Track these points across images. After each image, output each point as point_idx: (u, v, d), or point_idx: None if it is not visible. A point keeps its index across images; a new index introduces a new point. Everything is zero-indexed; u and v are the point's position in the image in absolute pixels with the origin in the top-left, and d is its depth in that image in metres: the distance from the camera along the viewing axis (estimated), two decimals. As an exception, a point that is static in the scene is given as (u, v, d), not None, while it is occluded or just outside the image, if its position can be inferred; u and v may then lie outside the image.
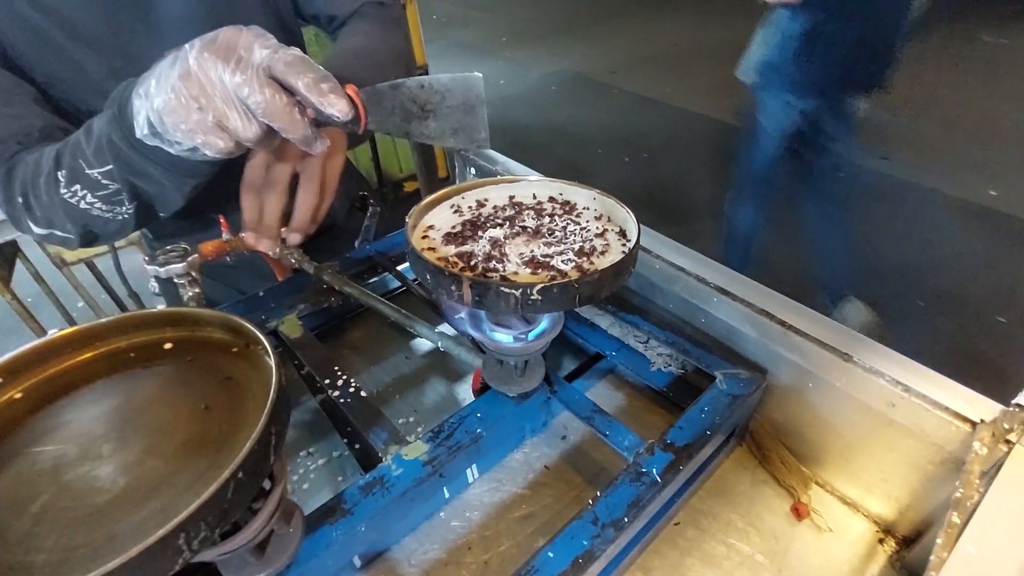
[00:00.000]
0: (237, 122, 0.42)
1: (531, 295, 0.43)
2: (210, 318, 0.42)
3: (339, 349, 0.79)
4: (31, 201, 0.57)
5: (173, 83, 0.41)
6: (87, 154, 0.50)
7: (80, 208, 0.54)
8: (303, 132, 0.43)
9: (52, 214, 0.56)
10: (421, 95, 0.48)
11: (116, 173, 0.50)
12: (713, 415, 0.55)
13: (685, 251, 0.67)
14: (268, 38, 0.43)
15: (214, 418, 0.36)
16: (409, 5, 2.37)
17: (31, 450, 0.34)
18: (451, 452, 0.51)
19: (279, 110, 0.41)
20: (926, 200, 2.98)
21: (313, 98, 0.42)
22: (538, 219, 0.57)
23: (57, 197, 0.54)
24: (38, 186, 0.55)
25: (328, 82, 0.42)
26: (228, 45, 0.41)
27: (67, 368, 0.40)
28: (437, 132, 0.49)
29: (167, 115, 0.42)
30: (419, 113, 0.48)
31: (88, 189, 0.52)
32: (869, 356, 0.50)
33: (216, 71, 0.40)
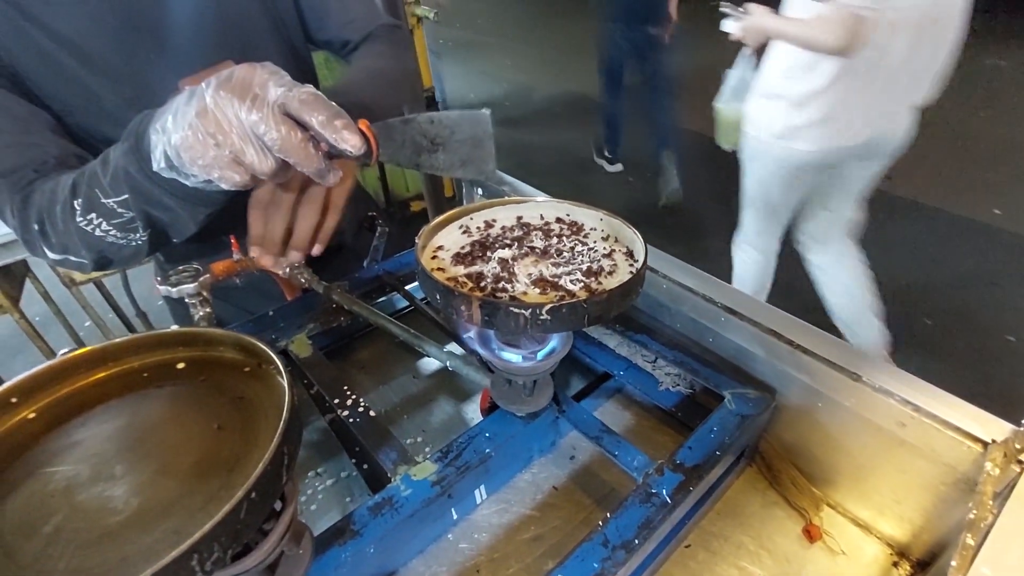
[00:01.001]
0: (253, 157, 0.43)
1: (540, 315, 0.43)
2: (222, 338, 0.42)
3: (347, 368, 0.79)
4: (47, 228, 0.58)
5: (191, 120, 0.42)
6: (103, 184, 0.51)
7: (95, 235, 0.55)
8: (317, 166, 0.45)
9: (67, 241, 0.57)
10: (431, 130, 0.49)
11: (132, 203, 0.51)
12: (723, 435, 0.55)
13: (692, 271, 0.67)
14: (282, 76, 0.44)
15: (226, 438, 0.36)
16: (416, 30, 2.42)
17: (44, 470, 0.35)
18: (460, 472, 0.51)
19: (295, 146, 0.43)
20: (931, 219, 2.98)
21: (328, 135, 0.43)
22: (546, 240, 0.58)
23: (73, 225, 0.54)
24: (54, 214, 0.56)
25: (341, 119, 0.44)
26: (244, 83, 0.42)
27: (80, 388, 0.40)
28: (446, 164, 0.50)
29: (184, 151, 0.43)
30: (429, 146, 0.49)
31: (104, 217, 0.53)
32: (878, 376, 0.50)
33: (232, 109, 0.41)
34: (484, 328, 0.47)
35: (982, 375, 2.11)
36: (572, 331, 0.56)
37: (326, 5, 0.83)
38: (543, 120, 4.76)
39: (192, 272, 0.64)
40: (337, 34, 0.86)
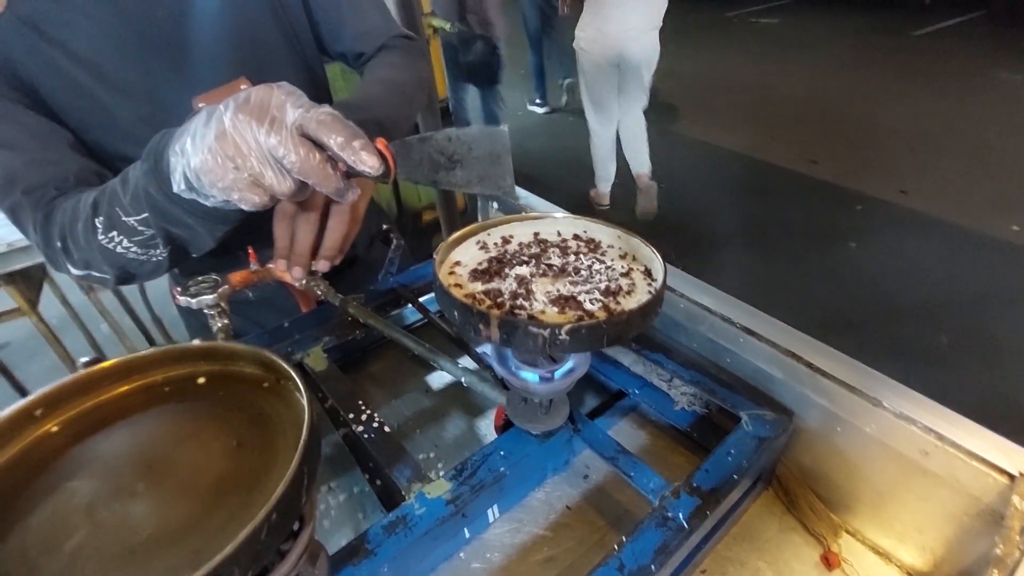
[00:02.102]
0: (272, 179, 0.44)
1: (559, 335, 0.43)
2: (242, 353, 0.43)
3: (360, 381, 0.79)
4: (69, 245, 0.59)
5: (209, 144, 0.42)
6: (124, 203, 0.52)
7: (117, 252, 0.56)
8: (336, 186, 0.45)
9: (90, 257, 0.58)
10: (448, 147, 0.49)
11: (152, 221, 0.52)
12: (740, 458, 0.54)
13: (710, 290, 0.67)
14: (299, 96, 0.44)
15: (246, 456, 0.36)
16: (432, 40, 2.44)
17: (67, 485, 0.35)
18: (474, 491, 0.51)
19: (313, 168, 0.43)
20: (946, 235, 2.94)
21: (346, 156, 0.44)
22: (563, 257, 0.57)
23: (95, 242, 0.55)
24: (76, 231, 0.57)
25: (359, 139, 0.44)
26: (262, 105, 0.42)
27: (104, 401, 0.41)
28: (464, 180, 0.50)
29: (204, 174, 0.43)
30: (446, 163, 0.50)
31: (125, 235, 0.54)
32: (900, 402, 0.49)
33: (251, 132, 0.42)
34: (502, 346, 0.47)
35: (1000, 397, 2.07)
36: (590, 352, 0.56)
37: (341, 17, 0.84)
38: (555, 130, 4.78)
39: (211, 283, 0.65)
40: (352, 46, 0.86)
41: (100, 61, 0.64)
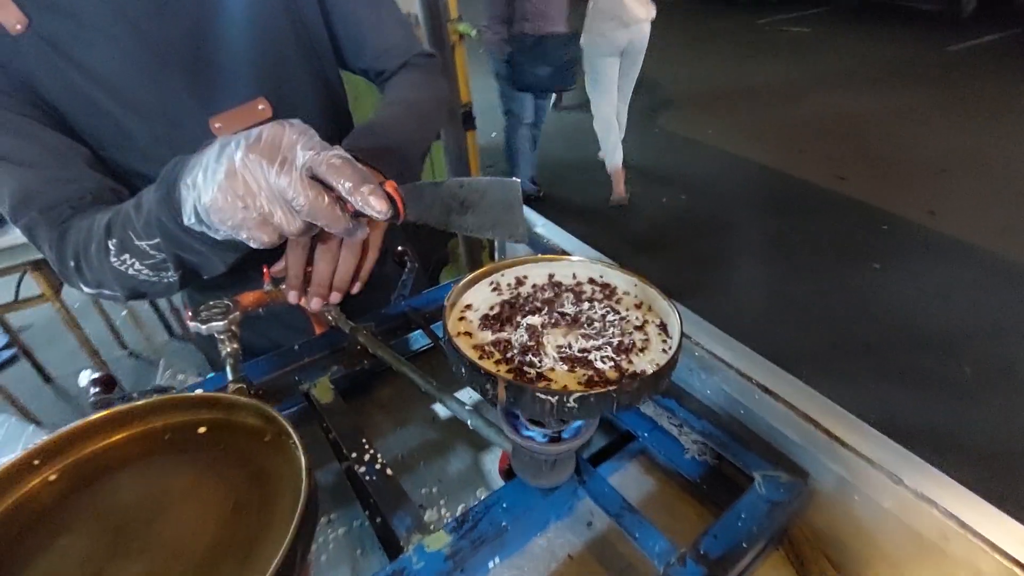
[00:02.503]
0: (282, 219, 0.44)
1: (567, 403, 0.42)
2: (244, 404, 0.42)
3: (367, 408, 0.78)
4: (82, 265, 0.59)
5: (219, 182, 0.42)
6: (136, 227, 0.52)
7: (129, 274, 0.56)
8: (345, 226, 0.46)
9: (102, 277, 0.58)
10: (460, 193, 0.50)
11: (163, 247, 0.52)
12: (750, 523, 0.52)
13: (727, 340, 0.65)
14: (311, 136, 0.44)
15: (242, 520, 0.36)
16: (458, 47, 2.43)
17: (61, 542, 0.35)
18: (474, 546, 0.49)
19: (322, 210, 0.44)
20: (975, 260, 2.86)
21: (354, 200, 0.44)
22: (577, 304, 0.56)
23: (107, 264, 0.55)
24: (89, 252, 0.57)
25: (368, 184, 0.44)
26: (272, 145, 0.42)
27: (104, 448, 0.41)
28: (475, 226, 0.51)
29: (213, 212, 0.43)
30: (458, 208, 0.50)
31: (137, 258, 0.54)
32: (921, 481, 0.47)
33: (261, 171, 0.42)
34: (509, 408, 0.46)
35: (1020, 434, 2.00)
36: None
37: (362, 35, 0.83)
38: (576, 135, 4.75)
39: (222, 309, 0.65)
40: (373, 63, 0.86)
41: (116, 80, 0.64)
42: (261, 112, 0.73)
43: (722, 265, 2.98)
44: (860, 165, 3.79)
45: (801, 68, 5.59)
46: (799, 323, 2.55)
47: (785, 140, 4.22)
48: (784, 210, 3.42)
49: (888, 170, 3.71)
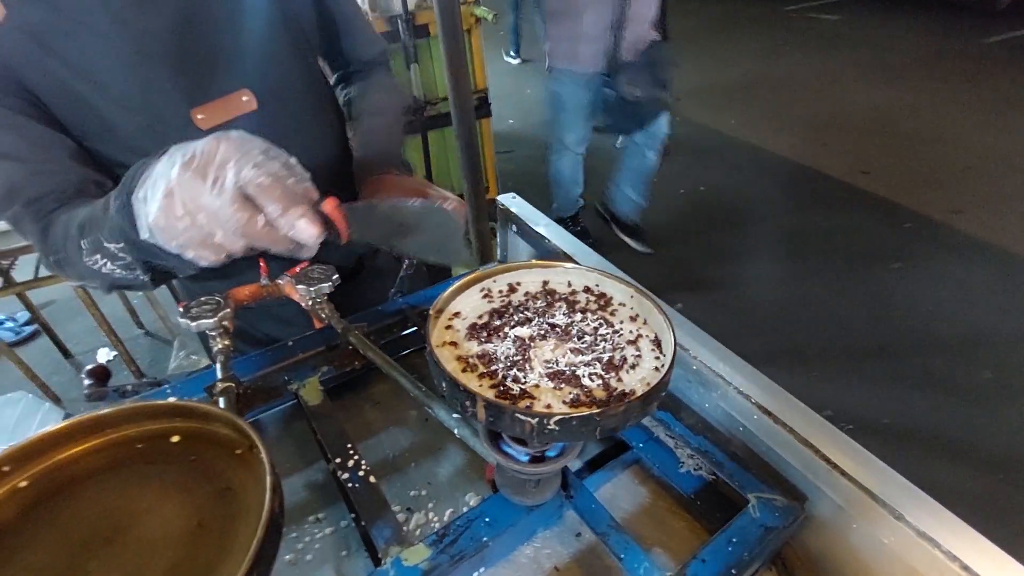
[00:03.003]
0: (223, 240, 0.43)
1: (548, 425, 0.40)
2: (217, 415, 0.41)
3: (359, 405, 0.78)
4: (62, 260, 0.59)
5: (159, 201, 0.42)
6: (104, 230, 0.52)
7: (103, 272, 0.56)
8: (286, 247, 0.44)
9: (82, 271, 0.58)
10: (397, 216, 0.48)
11: (128, 251, 0.52)
12: (742, 549, 0.50)
13: (727, 356, 0.62)
14: (248, 151, 0.42)
15: (204, 539, 0.35)
16: (474, 30, 2.39)
17: (21, 557, 0.34)
18: (453, 561, 0.48)
19: (256, 233, 0.42)
20: (1001, 261, 2.76)
21: (282, 225, 0.42)
22: (570, 315, 0.54)
23: (82, 262, 0.56)
24: (67, 249, 0.57)
25: (298, 207, 0.42)
26: (205, 163, 0.41)
27: (75, 456, 0.40)
28: (416, 249, 0.50)
29: (157, 232, 0.43)
30: (398, 230, 0.49)
31: (108, 259, 0.54)
32: (924, 519, 0.44)
33: (195, 192, 0.41)
34: (488, 427, 0.44)
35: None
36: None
37: (348, 24, 0.85)
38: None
39: (213, 305, 0.64)
40: (352, 54, 0.89)
41: (98, 71, 0.62)
42: (245, 103, 0.72)
43: (737, 259, 2.92)
44: (885, 160, 3.66)
45: (829, 58, 5.40)
46: (814, 321, 2.50)
47: (808, 132, 4.10)
48: (804, 204, 3.33)
49: (914, 166, 3.58)
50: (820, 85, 4.87)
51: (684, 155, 3.95)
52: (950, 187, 3.33)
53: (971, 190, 3.30)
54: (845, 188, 3.43)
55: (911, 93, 4.56)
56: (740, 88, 4.99)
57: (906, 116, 4.21)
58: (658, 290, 0.81)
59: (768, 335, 2.44)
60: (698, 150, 4.05)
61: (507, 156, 4.10)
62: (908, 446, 1.94)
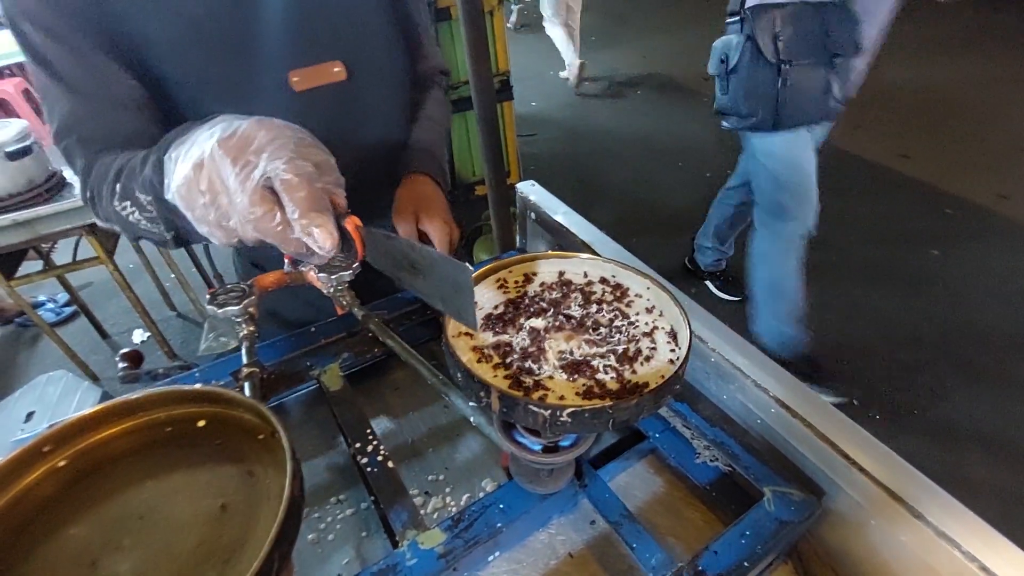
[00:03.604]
0: (237, 225, 0.42)
1: (560, 417, 0.40)
2: (242, 402, 0.43)
3: (380, 390, 0.79)
4: (95, 200, 0.61)
5: (188, 171, 0.41)
6: (137, 180, 0.53)
7: (129, 220, 0.57)
8: (296, 249, 0.43)
9: (110, 215, 0.60)
10: (411, 255, 0.47)
11: (155, 207, 0.52)
12: (755, 542, 0.50)
13: (745, 348, 0.61)
14: (286, 143, 0.41)
15: (228, 521, 0.37)
16: (496, 12, 2.36)
17: (62, 531, 0.36)
18: (468, 546, 0.50)
19: (269, 229, 0.41)
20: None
21: (297, 227, 0.41)
22: (585, 306, 0.54)
23: (112, 206, 0.57)
24: (102, 190, 0.59)
25: (318, 213, 0.41)
26: (242, 144, 0.41)
27: (108, 437, 0.42)
28: (425, 291, 0.48)
29: (179, 198, 0.43)
30: (409, 268, 0.47)
31: (136, 208, 0.55)
32: (944, 518, 0.44)
33: (224, 171, 0.40)
34: (502, 418, 0.45)
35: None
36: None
37: (418, 35, 0.88)
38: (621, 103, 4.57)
39: (238, 293, 0.66)
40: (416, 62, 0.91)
41: (201, 18, 0.64)
42: (336, 74, 0.75)
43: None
44: (927, 143, 3.51)
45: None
46: (847, 309, 2.43)
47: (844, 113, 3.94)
48: (837, 189, 3.21)
49: (958, 149, 3.43)
50: (858, 64, 4.67)
51: (711, 139, 3.86)
52: (996, 171, 3.18)
53: (1019, 174, 3.15)
54: (883, 172, 3.31)
55: (958, 71, 4.35)
56: (773, 68, 4.83)
57: (950, 96, 4.02)
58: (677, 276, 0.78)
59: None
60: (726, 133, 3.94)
61: (530, 139, 4.06)
62: (940, 438, 1.89)
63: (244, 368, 0.62)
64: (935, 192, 3.09)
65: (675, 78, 4.86)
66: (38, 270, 2.14)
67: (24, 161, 1.87)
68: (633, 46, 5.67)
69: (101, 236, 2.14)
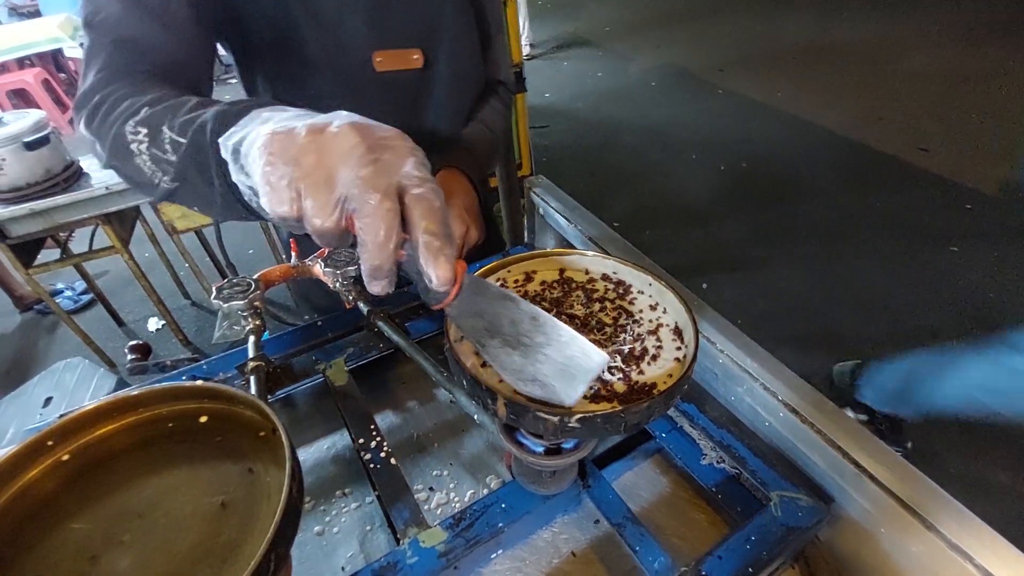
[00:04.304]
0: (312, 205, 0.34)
1: (569, 423, 0.40)
2: (242, 398, 0.43)
3: (386, 384, 0.79)
4: (98, 108, 0.55)
5: (300, 128, 0.35)
6: (179, 116, 0.48)
7: (129, 147, 0.51)
8: (379, 264, 0.35)
9: (104, 133, 0.54)
10: (523, 326, 0.41)
11: (183, 150, 0.47)
12: (760, 547, 0.49)
13: (754, 349, 0.60)
14: (426, 166, 0.37)
15: (227, 520, 0.37)
16: (510, 2, 2.33)
17: (65, 525, 0.37)
18: (469, 545, 0.49)
19: (380, 235, 0.34)
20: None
21: (422, 250, 0.35)
22: (588, 304, 0.53)
23: (122, 125, 0.51)
24: (120, 104, 0.53)
25: (449, 247, 0.36)
26: (389, 142, 0.36)
27: (111, 432, 0.42)
28: (510, 367, 0.41)
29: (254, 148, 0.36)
30: (510, 338, 0.41)
31: (150, 140, 0.49)
32: (957, 530, 0.42)
33: (349, 143, 0.34)
34: (510, 424, 0.44)
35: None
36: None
37: (490, 38, 0.90)
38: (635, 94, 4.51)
39: (244, 287, 0.66)
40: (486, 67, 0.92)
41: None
42: (415, 60, 0.79)
43: (779, 239, 2.81)
44: (947, 136, 3.43)
45: (889, 23, 5.04)
46: (861, 305, 2.39)
47: (863, 105, 3.87)
48: (854, 183, 3.17)
49: (979, 142, 3.34)
50: (880, 55, 4.56)
51: (725, 129, 3.80)
52: (1018, 166, 3.10)
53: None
54: (900, 166, 3.24)
55: (982, 62, 4.23)
56: (792, 57, 4.74)
57: (972, 88, 3.91)
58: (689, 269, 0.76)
59: (810, 319, 2.35)
60: (740, 124, 3.89)
61: (542, 131, 4.03)
62: (957, 439, 1.86)
63: (250, 361, 0.62)
64: (954, 187, 3.02)
65: (689, 69, 4.79)
66: (56, 258, 2.17)
67: (42, 151, 1.90)
68: (646, 36, 5.59)
69: (116, 226, 2.17)
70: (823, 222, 2.89)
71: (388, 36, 0.75)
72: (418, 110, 0.84)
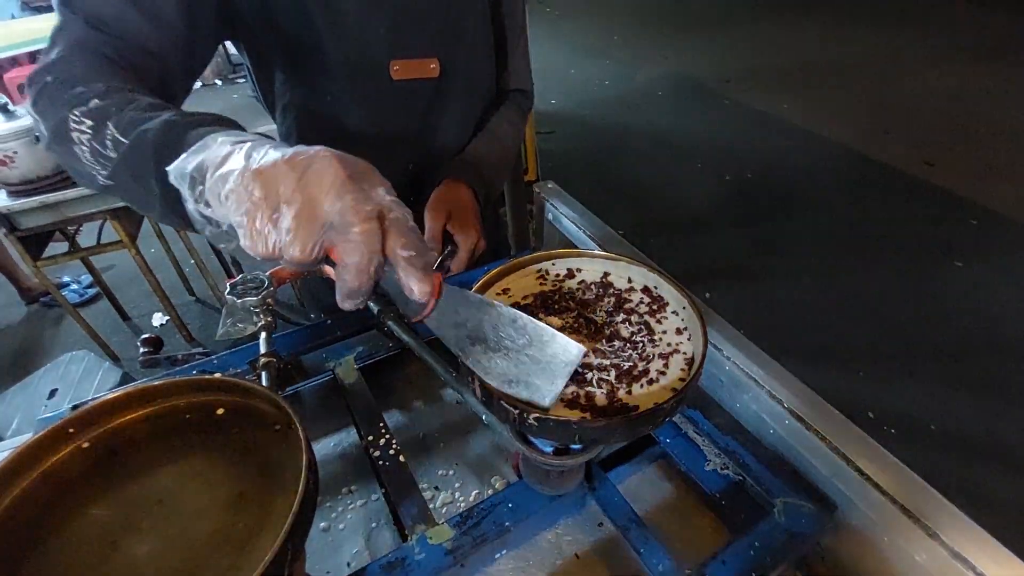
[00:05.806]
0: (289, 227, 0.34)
1: (527, 419, 0.42)
2: (259, 392, 0.43)
3: (394, 383, 0.80)
4: (49, 87, 0.52)
5: (278, 156, 0.35)
6: (126, 114, 0.46)
7: (71, 135, 0.48)
8: (358, 285, 0.36)
9: (49, 112, 0.51)
10: (504, 330, 0.43)
11: (122, 151, 0.45)
12: (764, 553, 0.50)
13: (759, 356, 0.61)
14: (393, 192, 0.39)
15: (244, 509, 0.37)
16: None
17: (86, 511, 0.37)
18: (476, 543, 0.50)
19: (364, 257, 0.35)
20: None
21: (403, 266, 0.37)
22: (613, 313, 0.53)
23: (68, 112, 0.49)
24: (70, 88, 0.50)
25: (426, 264, 0.38)
26: (361, 170, 0.37)
27: (130, 422, 0.43)
28: (497, 371, 0.43)
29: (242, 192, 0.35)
30: (491, 343, 0.43)
31: (93, 132, 0.47)
32: (959, 538, 0.43)
33: (332, 174, 0.35)
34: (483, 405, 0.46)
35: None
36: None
37: (511, 44, 0.90)
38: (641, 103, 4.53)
39: (257, 284, 0.67)
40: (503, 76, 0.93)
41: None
42: (431, 70, 0.79)
43: (782, 251, 2.82)
44: (953, 151, 3.44)
45: (897, 37, 5.06)
46: (866, 319, 2.39)
47: (870, 119, 3.88)
48: (860, 196, 3.17)
49: (986, 158, 3.35)
50: (888, 69, 4.58)
51: (730, 140, 3.81)
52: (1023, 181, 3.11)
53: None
54: (906, 180, 3.25)
55: (987, 78, 4.24)
56: (799, 70, 4.75)
57: (980, 103, 3.92)
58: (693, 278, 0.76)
59: (814, 332, 2.35)
60: (746, 136, 3.90)
61: (548, 137, 4.05)
62: (959, 453, 1.85)
63: (261, 357, 0.63)
64: (960, 201, 3.02)
65: (696, 79, 4.81)
66: (63, 252, 2.19)
67: (52, 145, 1.91)
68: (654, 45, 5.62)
69: (124, 221, 2.18)
70: (828, 234, 2.90)
71: (408, 45, 0.76)
72: (430, 119, 0.85)
